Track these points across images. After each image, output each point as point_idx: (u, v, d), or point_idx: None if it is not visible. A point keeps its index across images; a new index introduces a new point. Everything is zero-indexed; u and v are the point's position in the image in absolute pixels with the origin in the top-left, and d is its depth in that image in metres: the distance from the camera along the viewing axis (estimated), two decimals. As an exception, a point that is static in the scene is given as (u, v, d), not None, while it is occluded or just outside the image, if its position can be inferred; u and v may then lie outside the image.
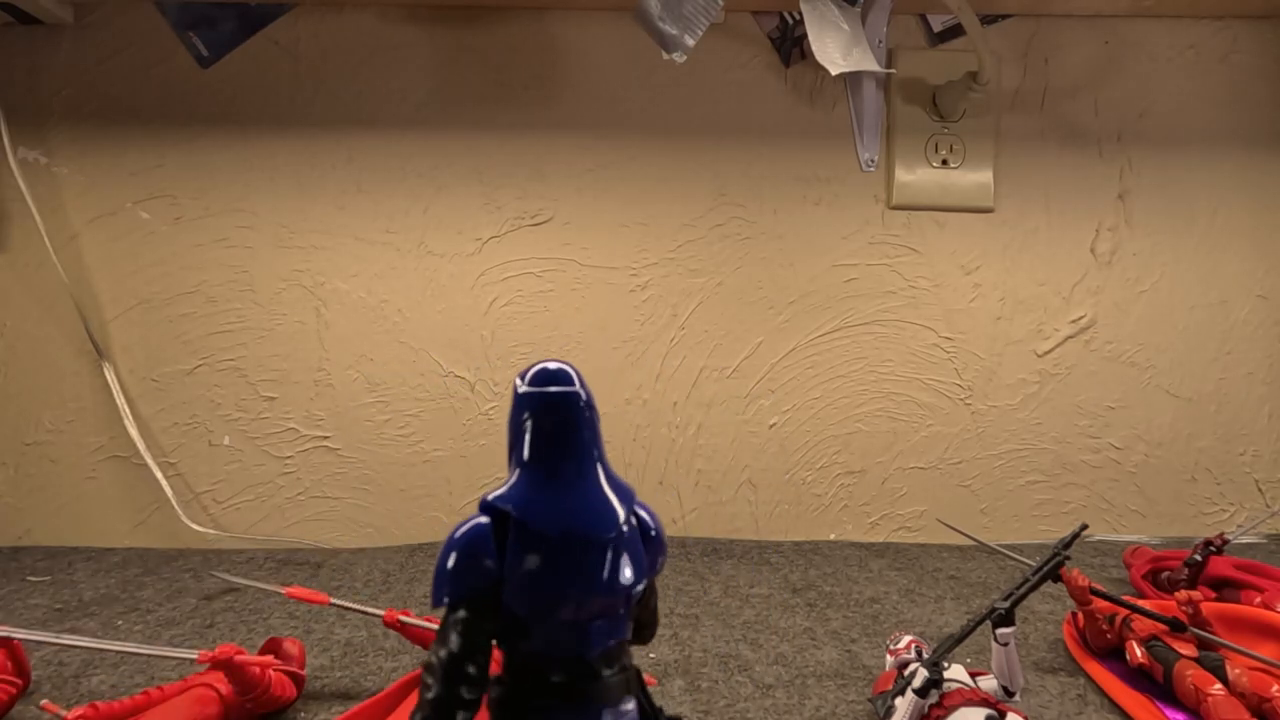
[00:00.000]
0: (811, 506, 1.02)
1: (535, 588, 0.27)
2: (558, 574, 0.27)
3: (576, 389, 0.28)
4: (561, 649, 0.28)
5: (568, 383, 0.28)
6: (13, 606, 0.77)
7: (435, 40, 0.99)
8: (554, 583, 0.27)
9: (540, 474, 0.28)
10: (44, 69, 0.97)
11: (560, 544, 0.27)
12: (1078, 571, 0.61)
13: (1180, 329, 1.03)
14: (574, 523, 0.27)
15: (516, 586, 0.27)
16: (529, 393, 0.28)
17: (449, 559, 0.27)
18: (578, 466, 0.28)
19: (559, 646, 0.28)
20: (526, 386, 0.28)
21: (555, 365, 0.29)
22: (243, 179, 0.98)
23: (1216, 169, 1.03)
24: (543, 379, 0.28)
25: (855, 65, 0.87)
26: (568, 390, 0.28)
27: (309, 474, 0.98)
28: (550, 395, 0.28)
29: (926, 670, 0.49)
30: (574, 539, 0.27)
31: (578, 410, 0.28)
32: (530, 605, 0.27)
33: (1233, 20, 1.03)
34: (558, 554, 0.27)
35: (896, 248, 1.02)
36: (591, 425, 0.29)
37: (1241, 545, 0.95)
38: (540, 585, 0.27)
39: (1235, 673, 0.55)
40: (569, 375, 0.28)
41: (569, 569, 0.27)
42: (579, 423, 0.28)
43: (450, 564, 0.27)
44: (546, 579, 0.27)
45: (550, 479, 0.28)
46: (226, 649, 0.51)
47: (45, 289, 0.96)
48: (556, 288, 1.00)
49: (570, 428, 0.28)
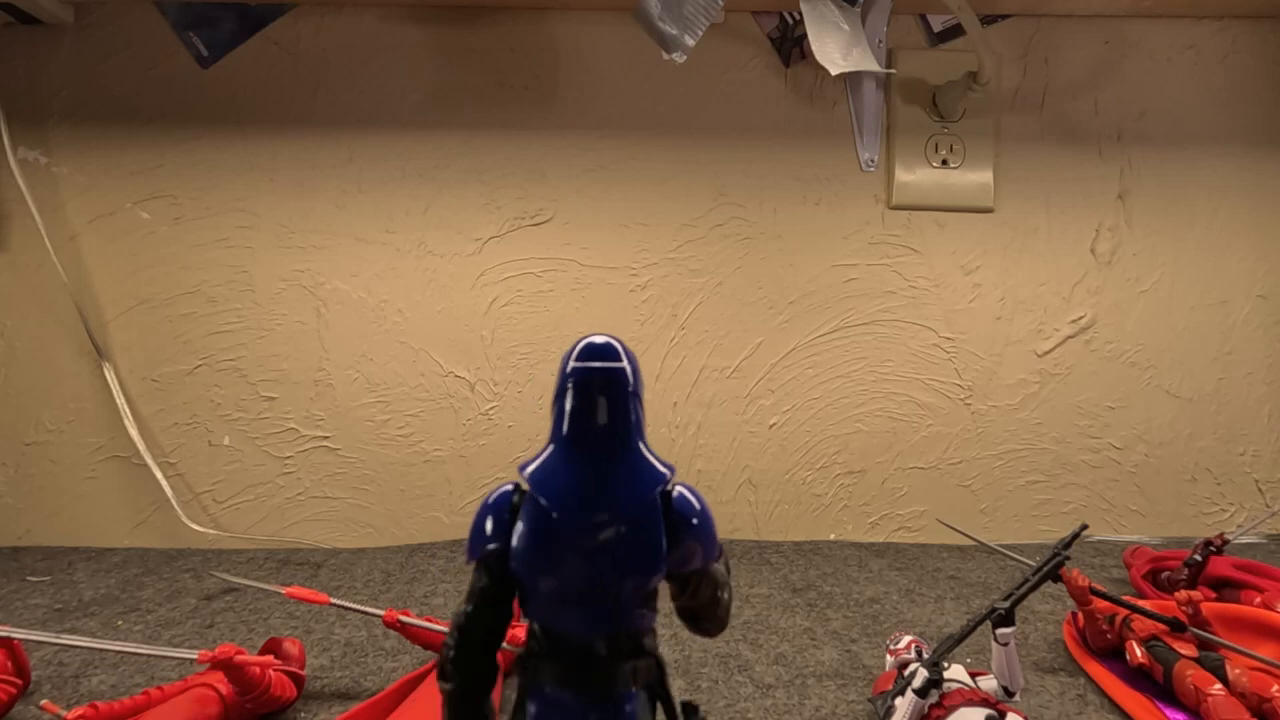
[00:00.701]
0: (811, 506, 1.02)
1: (526, 559, 0.27)
2: (546, 550, 0.27)
3: (619, 365, 0.28)
4: (559, 624, 0.28)
5: (613, 358, 0.28)
6: (13, 606, 0.77)
7: (435, 40, 0.99)
8: (541, 558, 0.27)
9: (567, 449, 0.28)
10: (44, 69, 0.97)
11: (556, 521, 0.27)
12: (1078, 571, 0.61)
13: (1180, 329, 1.03)
14: (578, 502, 0.27)
15: (515, 552, 0.28)
16: (575, 367, 0.28)
17: (476, 519, 0.28)
18: (606, 444, 0.28)
19: (556, 623, 0.28)
20: (575, 361, 0.28)
21: (602, 340, 0.28)
22: (243, 179, 0.98)
23: (1216, 169, 1.03)
24: (588, 353, 0.28)
25: (855, 65, 0.87)
26: (607, 366, 0.28)
27: (309, 474, 0.98)
28: (588, 371, 0.28)
29: (926, 670, 0.49)
30: (569, 518, 0.27)
31: (615, 387, 0.28)
32: (526, 577, 0.28)
33: (1232, 20, 1.03)
34: (553, 530, 0.27)
35: (896, 248, 1.02)
36: (626, 403, 0.28)
37: (1241, 545, 0.95)
38: (530, 558, 0.27)
39: (1235, 673, 0.55)
40: (615, 350, 0.28)
41: (554, 541, 0.27)
42: (613, 400, 0.28)
43: (474, 524, 0.28)
44: (536, 553, 0.27)
45: (574, 455, 0.28)
46: (226, 649, 0.51)
47: (45, 289, 0.96)
48: (556, 288, 1.00)
49: (603, 405, 0.28)
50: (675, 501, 0.28)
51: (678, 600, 0.30)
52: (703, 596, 0.29)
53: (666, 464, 0.28)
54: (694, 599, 0.29)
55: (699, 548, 0.28)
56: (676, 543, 0.28)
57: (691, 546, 0.28)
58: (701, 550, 0.28)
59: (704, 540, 0.28)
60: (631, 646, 0.28)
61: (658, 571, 0.28)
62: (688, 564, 0.28)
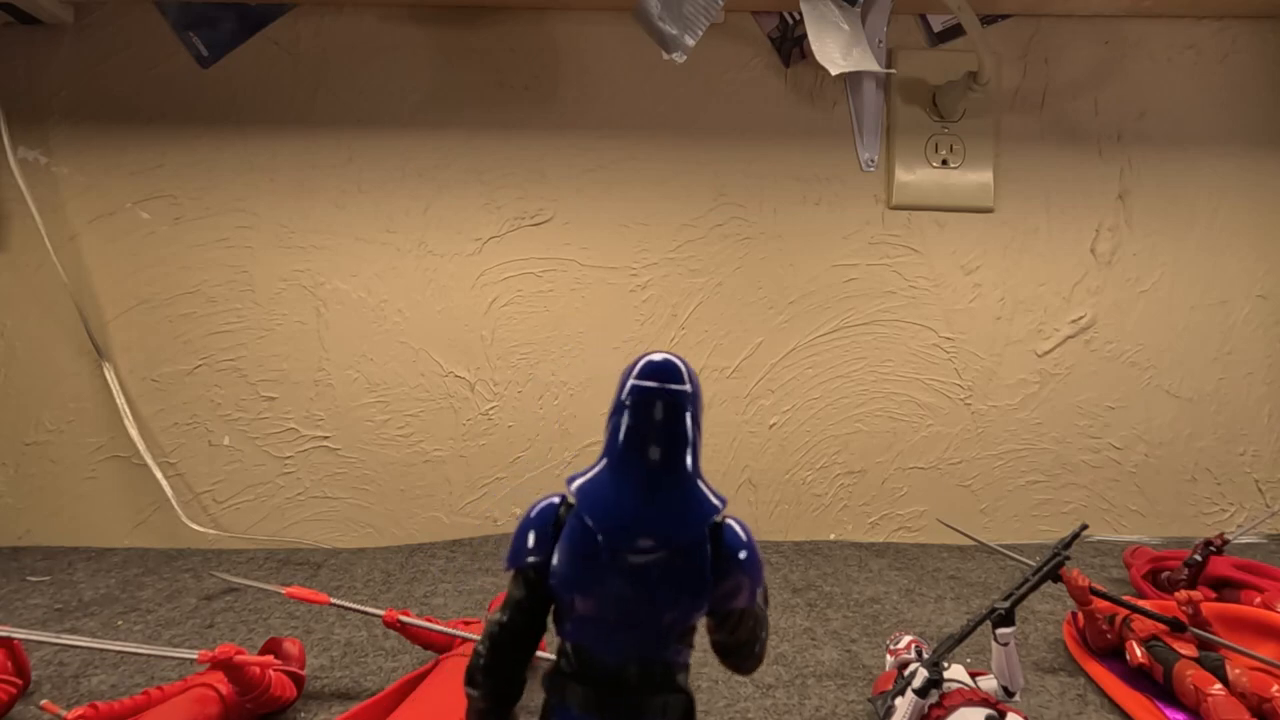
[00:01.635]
0: (811, 506, 1.02)
1: (565, 577, 0.27)
2: (586, 570, 0.27)
3: (682, 387, 0.27)
4: (590, 648, 0.27)
5: (675, 379, 0.27)
6: (13, 606, 0.77)
7: (435, 40, 0.99)
8: (580, 578, 0.27)
9: (619, 468, 0.27)
10: (44, 69, 0.97)
11: (600, 542, 0.26)
12: (1078, 571, 0.61)
13: (1180, 329, 1.03)
14: (623, 528, 0.26)
15: (555, 568, 0.27)
16: (633, 385, 0.27)
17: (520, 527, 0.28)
18: (660, 469, 0.27)
19: (585, 644, 0.28)
20: (635, 379, 0.27)
21: (661, 358, 0.27)
22: (243, 179, 0.98)
23: (1216, 169, 1.03)
24: (649, 372, 0.27)
25: (855, 65, 0.87)
26: (669, 388, 0.27)
27: (309, 474, 0.98)
28: (648, 391, 0.27)
29: (926, 670, 0.49)
30: (614, 541, 0.26)
31: (677, 411, 0.27)
32: (563, 593, 0.27)
33: (1232, 20, 1.03)
34: (595, 551, 0.26)
35: (896, 248, 1.02)
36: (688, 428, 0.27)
37: (1241, 545, 0.95)
38: (569, 576, 0.27)
39: (1235, 673, 0.55)
40: (678, 371, 0.27)
41: (594, 562, 0.27)
42: (673, 424, 0.27)
43: (516, 532, 0.28)
44: (576, 572, 0.27)
45: (626, 475, 0.27)
46: (226, 649, 0.51)
47: (45, 289, 0.96)
48: (556, 288, 1.00)
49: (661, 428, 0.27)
50: (725, 534, 0.27)
51: (715, 635, 0.29)
52: (742, 634, 0.29)
53: (719, 495, 0.28)
54: (733, 635, 0.28)
55: (746, 584, 0.28)
56: (722, 577, 0.27)
57: (738, 582, 0.27)
58: (748, 587, 0.28)
59: (751, 576, 0.28)
60: (664, 679, 0.28)
61: (701, 605, 0.27)
62: (732, 601, 0.27)
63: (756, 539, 0.29)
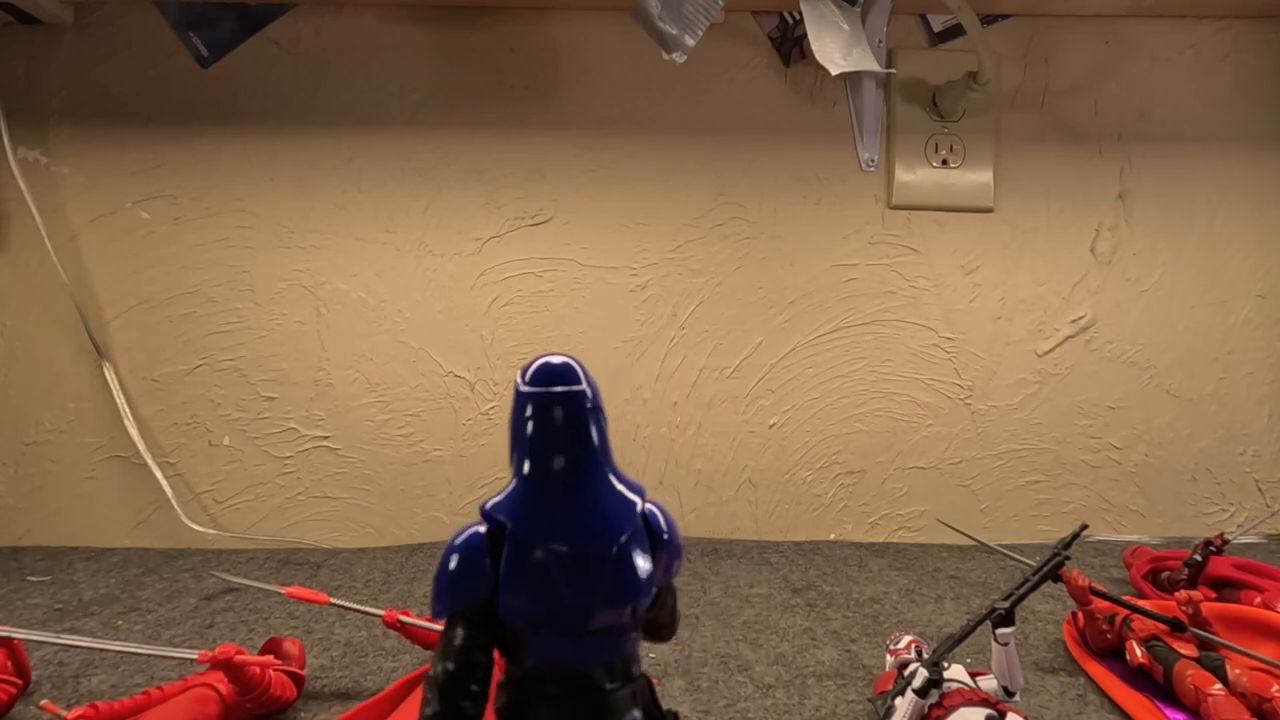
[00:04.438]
0: (811, 506, 1.02)
1: (528, 603, 0.26)
2: (551, 590, 0.26)
3: (580, 387, 0.26)
4: (561, 663, 0.27)
5: (572, 380, 0.26)
6: (13, 606, 0.77)
7: (435, 40, 0.99)
8: (547, 599, 0.26)
9: (539, 480, 0.26)
10: (44, 69, 0.97)
11: (555, 559, 0.26)
12: (1078, 571, 0.61)
13: (1180, 329, 1.03)
14: (570, 536, 0.26)
15: (509, 601, 0.26)
16: (529, 392, 0.26)
17: (444, 570, 0.26)
18: (579, 471, 0.27)
19: (558, 661, 0.27)
20: (527, 385, 0.26)
21: (558, 360, 0.26)
22: (243, 179, 0.98)
23: (1216, 169, 1.03)
24: (545, 376, 0.26)
25: (855, 65, 0.87)
26: (570, 390, 0.26)
27: (309, 474, 0.98)
28: (551, 395, 0.26)
29: (926, 670, 0.49)
30: (570, 553, 0.26)
31: (581, 411, 0.26)
32: (523, 620, 0.26)
33: (1233, 20, 1.03)
34: (552, 569, 0.26)
35: (896, 248, 1.02)
36: (595, 426, 0.27)
37: (1241, 545, 0.95)
38: (533, 601, 0.26)
39: (1235, 673, 0.55)
40: (574, 372, 0.26)
41: (563, 584, 0.26)
42: (582, 424, 0.26)
43: (445, 576, 0.26)
44: (540, 594, 0.26)
45: (550, 485, 0.26)
46: (226, 649, 0.51)
47: (45, 289, 0.96)
48: (556, 288, 1.00)
49: (572, 430, 0.26)
50: (651, 521, 0.28)
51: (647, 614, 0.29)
52: (668, 608, 0.29)
53: (633, 484, 0.28)
54: (661, 611, 0.29)
55: (668, 562, 0.28)
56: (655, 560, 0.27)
57: (667, 562, 0.28)
58: (669, 564, 0.28)
59: (672, 554, 0.28)
60: (624, 671, 0.28)
61: (650, 592, 0.27)
62: (664, 580, 0.28)
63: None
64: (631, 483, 0.28)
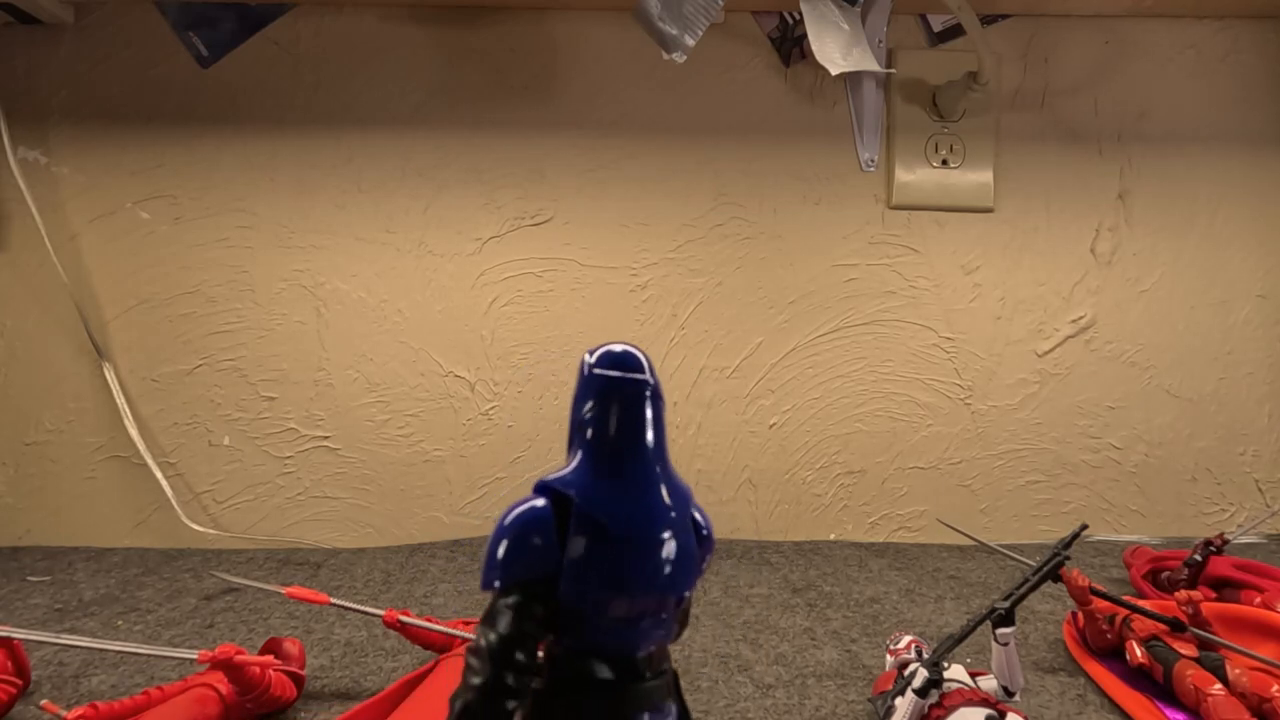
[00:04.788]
0: (811, 506, 1.02)
1: (592, 580, 0.26)
2: (617, 568, 0.26)
3: (647, 377, 0.27)
4: (609, 646, 0.27)
5: (637, 368, 0.27)
6: (13, 606, 0.77)
7: (435, 40, 0.99)
8: (612, 577, 0.26)
9: (604, 462, 0.27)
10: (44, 69, 0.97)
11: (622, 537, 0.26)
12: (1078, 571, 0.61)
13: (1180, 329, 1.03)
14: (637, 516, 0.26)
15: (572, 576, 0.26)
16: (602, 375, 0.27)
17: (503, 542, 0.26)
18: (642, 459, 0.27)
19: (607, 643, 0.27)
20: (597, 368, 0.27)
21: (621, 348, 0.27)
22: (243, 179, 0.98)
23: (1216, 168, 1.03)
24: (613, 362, 0.27)
25: (855, 65, 0.87)
26: (639, 378, 0.27)
27: (309, 474, 0.98)
28: (623, 381, 0.27)
29: (926, 670, 0.49)
30: (636, 533, 0.26)
31: (653, 398, 0.27)
32: (585, 597, 0.26)
33: (1233, 20, 1.03)
34: (619, 547, 0.26)
35: (896, 248, 1.02)
36: (659, 417, 0.27)
37: (1241, 545, 0.95)
38: (598, 578, 0.26)
39: (1235, 673, 0.55)
40: (639, 361, 0.27)
41: (628, 564, 0.26)
42: (652, 411, 0.27)
43: (504, 547, 0.26)
44: (605, 572, 0.26)
45: (614, 468, 0.27)
46: (226, 649, 0.51)
47: (45, 289, 0.96)
48: (556, 288, 1.00)
49: (640, 417, 0.27)
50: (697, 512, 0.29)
51: None
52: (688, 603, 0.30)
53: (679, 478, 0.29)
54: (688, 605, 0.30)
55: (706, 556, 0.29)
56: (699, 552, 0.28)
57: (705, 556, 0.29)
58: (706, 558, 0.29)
59: (709, 549, 0.29)
60: (661, 660, 0.28)
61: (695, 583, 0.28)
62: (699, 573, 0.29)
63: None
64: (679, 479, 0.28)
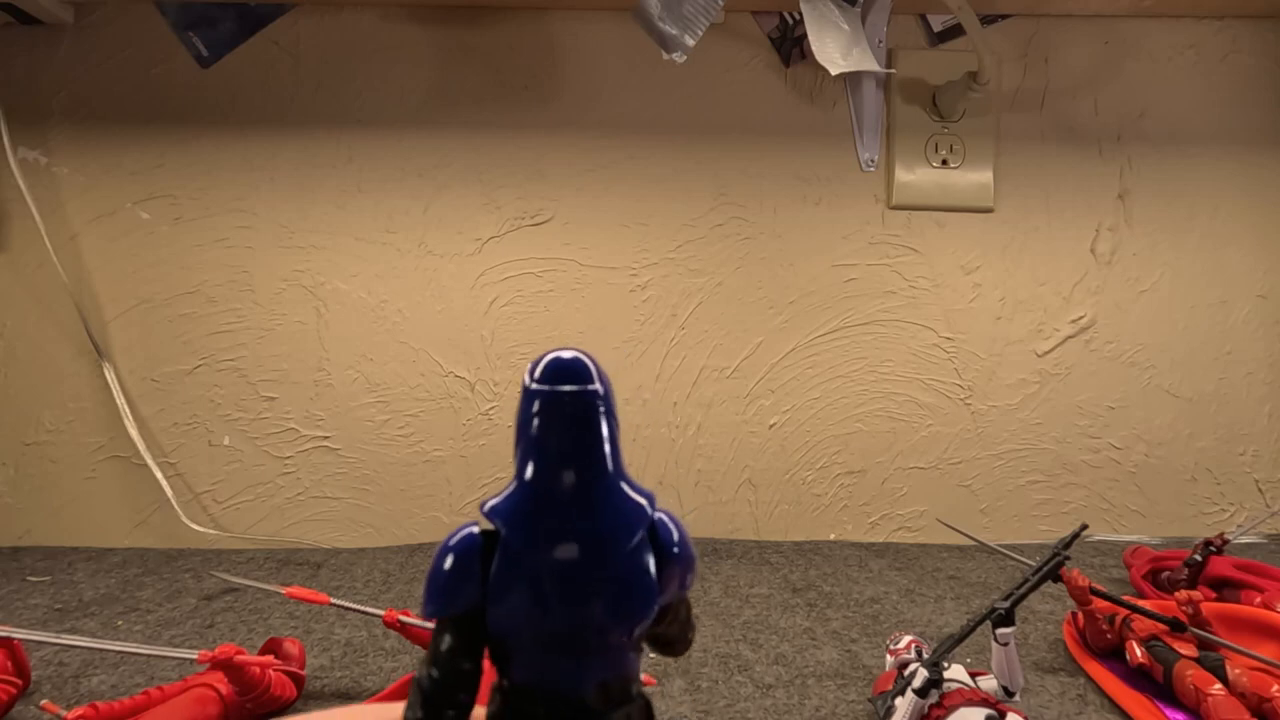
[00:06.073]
0: (811, 506, 1.02)
1: (516, 615, 0.24)
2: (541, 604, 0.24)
3: (593, 386, 0.25)
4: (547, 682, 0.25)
5: (584, 378, 0.25)
6: (13, 606, 0.77)
7: (435, 40, 0.99)
8: (537, 614, 0.24)
9: (541, 484, 0.25)
10: (44, 69, 0.97)
11: (549, 571, 0.24)
12: (1078, 571, 0.61)
13: (1180, 329, 1.03)
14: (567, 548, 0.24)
15: (497, 612, 0.24)
16: (536, 390, 0.25)
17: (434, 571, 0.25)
18: (585, 478, 0.25)
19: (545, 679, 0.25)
20: (536, 381, 0.25)
21: (569, 355, 0.25)
22: (243, 179, 0.98)
23: (1216, 169, 1.03)
24: (555, 372, 0.25)
25: (855, 65, 0.87)
26: (581, 389, 0.25)
27: (309, 474, 0.98)
28: (560, 395, 0.24)
29: (926, 670, 0.49)
30: (565, 567, 0.24)
31: (592, 412, 0.25)
32: (511, 634, 0.25)
33: (1233, 20, 1.03)
34: (544, 582, 0.24)
35: (896, 248, 1.02)
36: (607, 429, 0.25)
37: (1241, 545, 0.95)
38: (522, 614, 0.24)
39: (1235, 673, 0.55)
40: (586, 370, 0.25)
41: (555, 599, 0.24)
42: (592, 427, 0.25)
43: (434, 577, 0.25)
44: (529, 608, 0.24)
45: (552, 491, 0.25)
46: (226, 649, 0.51)
47: (45, 289, 0.96)
48: (556, 288, 1.00)
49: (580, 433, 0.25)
50: (659, 532, 0.26)
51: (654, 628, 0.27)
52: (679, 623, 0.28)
53: (644, 491, 0.26)
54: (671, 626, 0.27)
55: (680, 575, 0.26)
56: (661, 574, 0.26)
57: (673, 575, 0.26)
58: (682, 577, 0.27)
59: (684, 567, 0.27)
60: (621, 693, 0.26)
61: (652, 611, 0.26)
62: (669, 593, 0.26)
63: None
64: (642, 489, 0.26)
